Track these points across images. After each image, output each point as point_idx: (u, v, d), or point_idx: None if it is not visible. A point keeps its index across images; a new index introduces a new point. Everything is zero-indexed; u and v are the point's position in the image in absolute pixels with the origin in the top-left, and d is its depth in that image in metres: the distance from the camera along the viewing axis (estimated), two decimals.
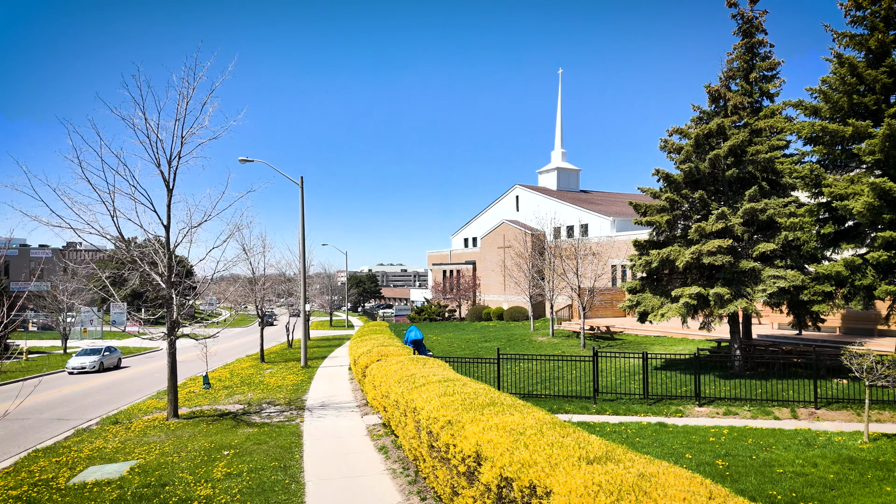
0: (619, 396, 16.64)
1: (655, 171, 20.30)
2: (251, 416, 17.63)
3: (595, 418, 14.75)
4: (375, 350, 18.13)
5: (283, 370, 30.06)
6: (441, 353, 29.46)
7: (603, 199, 58.27)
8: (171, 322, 17.19)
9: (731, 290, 17.56)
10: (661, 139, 20.54)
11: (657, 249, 19.45)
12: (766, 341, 22.88)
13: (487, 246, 57.48)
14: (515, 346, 29.74)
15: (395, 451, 12.35)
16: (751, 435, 12.58)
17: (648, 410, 15.28)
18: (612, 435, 12.89)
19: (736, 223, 17.75)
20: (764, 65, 22.81)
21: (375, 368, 14.36)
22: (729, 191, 19.49)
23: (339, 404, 19.30)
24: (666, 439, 12.37)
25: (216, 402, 20.93)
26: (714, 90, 20.20)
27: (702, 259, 17.74)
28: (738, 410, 14.96)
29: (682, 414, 14.96)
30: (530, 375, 19.90)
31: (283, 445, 13.56)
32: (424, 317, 60.98)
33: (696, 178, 19.36)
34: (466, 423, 6.93)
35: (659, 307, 18.93)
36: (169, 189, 17.15)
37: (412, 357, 14.70)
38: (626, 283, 20.65)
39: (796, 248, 18.03)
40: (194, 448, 13.54)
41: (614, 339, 29.46)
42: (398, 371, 12.70)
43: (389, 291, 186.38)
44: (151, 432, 15.58)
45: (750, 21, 23.01)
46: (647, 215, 20.54)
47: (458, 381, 9.95)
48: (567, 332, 34.00)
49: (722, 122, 19.00)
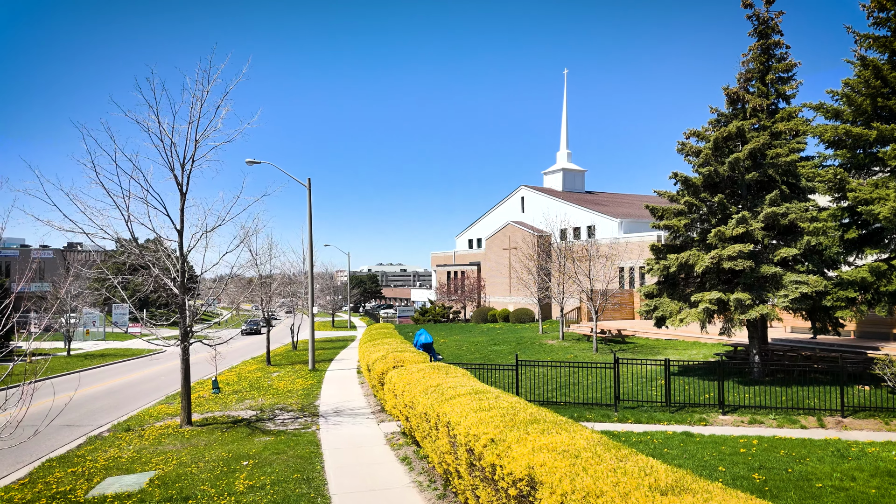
0: (639, 404, 16.39)
1: (673, 174, 20.07)
2: (265, 424, 17.39)
3: (618, 427, 14.50)
4: (391, 356, 17.88)
5: (291, 373, 29.81)
6: (450, 356, 29.22)
7: (609, 201, 58.02)
8: (184, 328, 16.94)
9: (752, 295, 17.31)
10: (679, 142, 20.31)
11: (675, 254, 19.21)
12: (783, 346, 22.63)
13: (493, 247, 57.23)
14: (526, 350, 29.49)
15: (418, 463, 12.10)
16: (781, 446, 12.34)
17: (671, 419, 15.03)
18: (638, 445, 12.64)
19: (757, 228, 17.51)
20: (780, 66, 22.54)
21: (395, 377, 14.10)
22: (748, 194, 19.25)
23: (353, 411, 19.05)
24: (695, 450, 12.13)
25: (227, 407, 20.68)
26: (732, 92, 19.94)
27: (722, 264, 17.50)
28: (763, 419, 14.72)
29: (707, 422, 14.71)
30: (546, 381, 19.66)
31: (303, 455, 13.31)
32: (429, 318, 60.72)
33: (714, 181, 19.11)
34: (512, 442, 6.68)
35: (677, 312, 18.68)
36: (182, 193, 16.90)
37: (431, 365, 14.45)
38: (643, 288, 20.40)
39: (818, 253, 17.79)
40: (212, 458, 13.29)
41: (626, 343, 29.21)
42: (421, 380, 12.45)
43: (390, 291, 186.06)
44: (166, 440, 15.33)
45: (765, 22, 22.74)
46: (663, 219, 20.30)
47: (489, 393, 9.69)
48: (577, 335, 33.75)
49: (742, 124, 18.75)
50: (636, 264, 40.98)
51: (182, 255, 16.97)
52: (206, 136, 17.11)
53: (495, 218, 62.82)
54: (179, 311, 16.92)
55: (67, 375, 32.94)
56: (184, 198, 16.94)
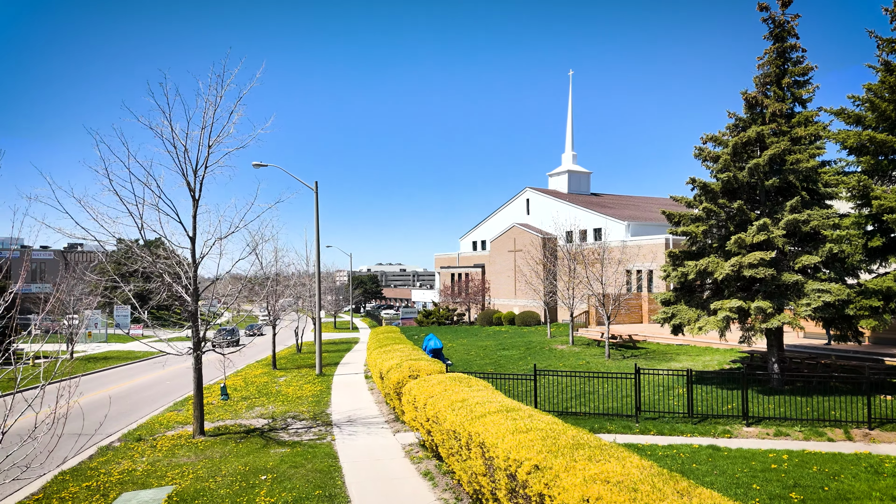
0: (660, 414, 16.12)
1: (690, 179, 19.80)
2: (278, 433, 17.11)
3: (641, 439, 14.24)
4: (406, 365, 17.61)
5: (298, 378, 29.52)
6: (460, 362, 28.95)
7: (615, 203, 57.75)
8: (196, 336, 16.66)
9: (773, 303, 17.05)
10: (696, 147, 20.04)
11: (693, 260, 18.94)
12: (801, 353, 22.37)
13: (497, 249, 56.95)
14: (536, 355, 29.22)
15: (441, 478, 11.83)
16: (812, 461, 12.08)
17: (694, 430, 14.77)
18: (665, 460, 12.38)
19: (778, 235, 17.25)
20: (796, 70, 22.26)
21: (415, 388, 13.82)
22: (767, 201, 18.98)
23: (366, 420, 18.77)
24: (725, 466, 11.86)
25: (238, 415, 20.39)
26: (751, 97, 19.68)
27: (743, 272, 17.24)
28: (788, 431, 14.46)
29: (731, 434, 14.45)
30: (562, 390, 19.38)
31: (322, 469, 13.04)
32: (433, 320, 60.42)
33: (733, 187, 18.85)
34: (560, 470, 6.41)
35: (696, 320, 18.42)
36: (195, 199, 16.63)
37: (450, 376, 14.17)
38: (660, 295, 20.14)
39: (840, 261, 17.54)
40: (229, 471, 13.01)
41: (637, 348, 28.94)
42: (443, 393, 12.18)
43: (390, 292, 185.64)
44: (180, 452, 15.05)
45: (781, 25, 22.47)
46: (680, 225, 20.03)
47: (521, 411, 9.43)
48: (586, 340, 33.47)
49: (761, 130, 18.49)
50: (644, 267, 40.73)
51: (194, 262, 16.69)
52: (219, 141, 16.86)
53: (500, 220, 62.54)
54: (192, 320, 16.64)
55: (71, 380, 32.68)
56: (196, 204, 16.67)
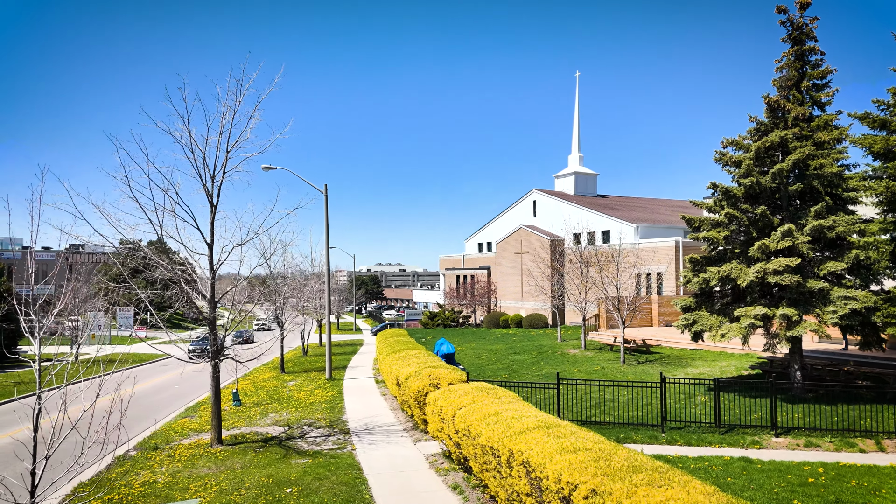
0: (686, 424, 15.88)
1: (711, 184, 19.59)
2: (297, 442, 16.88)
3: (669, 450, 14.01)
4: (425, 372, 17.38)
5: (308, 382, 29.30)
6: (472, 367, 28.71)
7: (622, 205, 57.52)
8: (214, 344, 16.43)
9: (798, 310, 16.84)
10: (717, 152, 19.83)
11: (714, 266, 18.72)
12: (821, 359, 22.13)
13: (504, 251, 56.72)
14: (549, 360, 28.99)
15: (471, 492, 11.59)
16: (849, 474, 11.85)
17: (722, 441, 14.54)
18: (698, 472, 12.15)
19: (803, 241, 17.03)
20: (815, 73, 22.04)
21: (440, 399, 13.58)
22: (789, 206, 18.77)
23: (384, 428, 18.54)
24: (761, 480, 11.64)
25: (252, 422, 20.17)
26: (773, 101, 19.46)
27: (767, 278, 17.02)
28: (818, 442, 14.23)
29: (760, 445, 14.22)
30: (581, 397, 19.14)
31: (346, 482, 12.81)
32: (438, 322, 60.18)
33: (756, 192, 18.63)
34: (621, 497, 6.18)
35: (718, 327, 18.20)
36: (213, 205, 16.41)
37: (476, 386, 13.93)
38: (680, 300, 19.92)
39: (865, 268, 17.32)
40: (253, 484, 12.79)
41: (651, 353, 28.72)
42: (472, 405, 11.96)
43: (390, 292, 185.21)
44: (199, 462, 14.81)
45: (800, 28, 22.25)
46: (700, 230, 19.82)
47: (562, 428, 9.20)
48: (598, 344, 33.23)
49: (785, 134, 18.28)
50: (654, 270, 40.52)
51: (212, 269, 16.47)
52: (236, 146, 16.66)
53: (506, 222, 62.31)
54: (209, 328, 16.41)
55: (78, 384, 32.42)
56: (214, 210, 16.45)
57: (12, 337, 43.53)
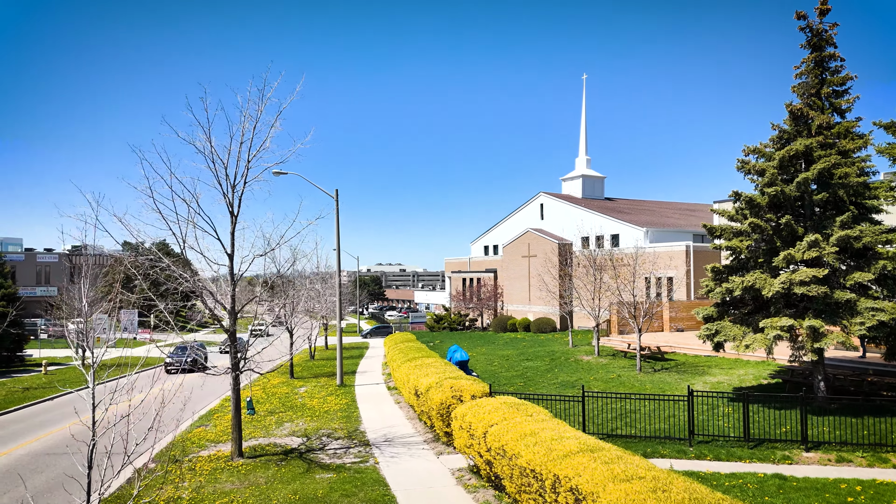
0: (713, 438, 15.69)
1: (734, 193, 19.42)
2: (318, 455, 16.69)
3: (700, 466, 13.82)
4: (447, 384, 17.21)
5: (319, 388, 29.12)
6: (485, 373, 28.54)
7: (630, 208, 57.33)
8: (234, 357, 16.25)
9: (824, 321, 16.66)
10: (739, 160, 19.65)
11: (738, 276, 18.54)
12: (843, 368, 21.93)
13: (511, 254, 56.54)
14: (562, 367, 28.80)
15: None
16: (888, 493, 11.67)
17: (752, 456, 14.36)
18: (733, 491, 11.97)
19: (830, 251, 16.85)
20: (835, 80, 21.85)
21: (469, 414, 13.39)
22: (813, 216, 18.59)
23: (404, 439, 18.35)
24: (799, 499, 11.45)
25: (269, 432, 19.99)
26: (796, 108, 19.27)
27: (793, 289, 16.84)
28: (850, 457, 14.05)
29: (791, 461, 14.04)
30: (603, 408, 18.94)
31: (375, 499, 12.62)
32: (444, 325, 60.02)
33: (780, 201, 18.46)
34: None
35: (742, 337, 18.01)
36: (233, 215, 16.23)
37: (505, 401, 13.74)
38: (701, 310, 19.74)
39: (893, 278, 17.14)
40: (280, 501, 12.60)
41: (665, 360, 28.53)
42: (505, 422, 11.79)
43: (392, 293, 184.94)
44: (222, 476, 14.62)
45: (819, 34, 22.06)
46: (722, 238, 19.64)
47: (608, 452, 9.01)
48: (611, 350, 33.03)
49: (810, 143, 18.10)
50: (665, 275, 40.34)
51: (233, 280, 16.29)
52: (257, 155, 16.49)
53: (513, 225, 62.12)
54: (230, 339, 16.23)
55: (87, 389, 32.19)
56: (235, 220, 16.28)
57: (18, 341, 43.32)
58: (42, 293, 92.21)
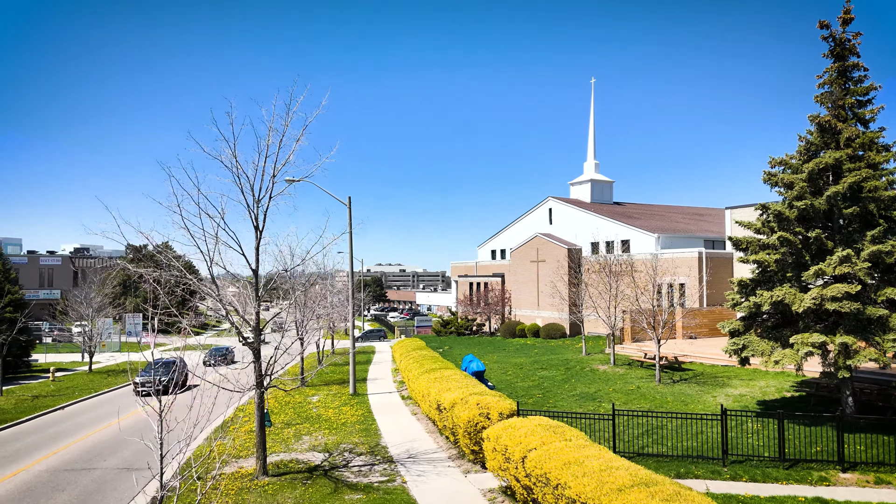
0: (747, 458, 15.44)
1: (761, 206, 19.22)
2: (342, 472, 16.46)
3: (735, 488, 13.58)
4: (472, 400, 16.98)
5: (332, 398, 28.88)
6: (499, 382, 28.30)
7: (640, 213, 57.08)
8: (259, 374, 16.02)
9: (856, 338, 16.43)
10: (765, 172, 19.44)
11: (766, 290, 18.31)
12: (867, 381, 21.61)
13: (519, 259, 56.30)
14: (580, 378, 28.55)
15: None
16: None
17: (788, 477, 14.12)
18: None
19: (861, 267, 16.63)
20: (858, 90, 21.62)
21: (504, 436, 13.14)
22: (842, 230, 18.37)
23: (427, 455, 18.12)
24: None
25: (289, 446, 19.76)
26: (824, 120, 19.04)
27: (824, 305, 16.61)
28: (889, 478, 13.81)
29: (829, 482, 13.81)
30: (626, 421, 18.68)
31: None
32: (451, 330, 59.74)
33: (809, 215, 18.24)
34: None
35: (770, 353, 17.78)
36: (258, 231, 16.01)
37: (539, 423, 13.43)
38: (727, 324, 19.52)
39: None
40: None
41: (683, 370, 28.29)
42: (544, 447, 11.55)
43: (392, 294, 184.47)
44: (249, 497, 14.39)
45: (842, 44, 21.83)
46: (748, 251, 19.42)
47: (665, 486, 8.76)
48: (627, 359, 32.77)
49: (840, 156, 17.88)
50: (677, 281, 40.13)
51: (257, 296, 16.07)
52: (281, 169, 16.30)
53: (521, 229, 61.88)
54: (254, 356, 16.00)
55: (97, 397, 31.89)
56: (260, 235, 16.06)
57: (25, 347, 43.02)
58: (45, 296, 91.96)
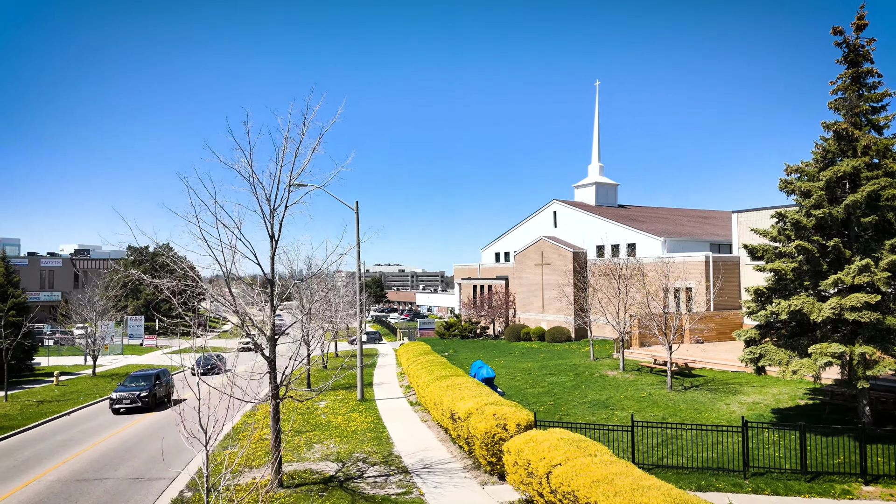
0: (767, 470, 15.31)
1: (777, 213, 19.10)
2: (357, 483, 16.31)
3: (759, 501, 13.46)
4: (489, 410, 16.83)
5: (339, 403, 28.72)
6: (508, 388, 28.14)
7: (645, 216, 56.95)
8: (275, 385, 15.87)
9: (875, 348, 16.32)
10: (782, 180, 19.33)
11: (783, 299, 18.20)
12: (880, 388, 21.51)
13: (523, 262, 56.18)
14: (589, 384, 28.41)
15: None
16: None
17: (811, 490, 13.99)
18: None
19: (881, 276, 16.52)
20: (872, 96, 21.51)
21: (526, 450, 13.01)
22: (860, 238, 18.25)
23: (442, 465, 17.97)
24: None
25: (301, 455, 19.60)
26: (841, 128, 18.93)
27: (843, 314, 16.49)
28: None
29: (852, 496, 13.68)
30: (645, 433, 18.56)
31: None
32: (455, 333, 59.61)
33: (827, 224, 18.12)
34: None
35: (787, 362, 17.66)
36: (274, 240, 15.87)
37: (561, 437, 13.30)
38: (743, 332, 19.40)
39: None
40: None
41: (694, 376, 28.17)
42: (567, 462, 11.42)
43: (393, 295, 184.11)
44: None
45: (856, 50, 21.73)
46: (764, 259, 19.30)
47: None
48: (636, 364, 32.64)
49: (858, 164, 17.77)
50: (684, 285, 40.02)
51: (273, 306, 15.92)
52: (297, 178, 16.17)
53: (525, 232, 61.75)
54: (269, 367, 15.85)
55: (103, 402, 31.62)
56: (275, 245, 15.92)
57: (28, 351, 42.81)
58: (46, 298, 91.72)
